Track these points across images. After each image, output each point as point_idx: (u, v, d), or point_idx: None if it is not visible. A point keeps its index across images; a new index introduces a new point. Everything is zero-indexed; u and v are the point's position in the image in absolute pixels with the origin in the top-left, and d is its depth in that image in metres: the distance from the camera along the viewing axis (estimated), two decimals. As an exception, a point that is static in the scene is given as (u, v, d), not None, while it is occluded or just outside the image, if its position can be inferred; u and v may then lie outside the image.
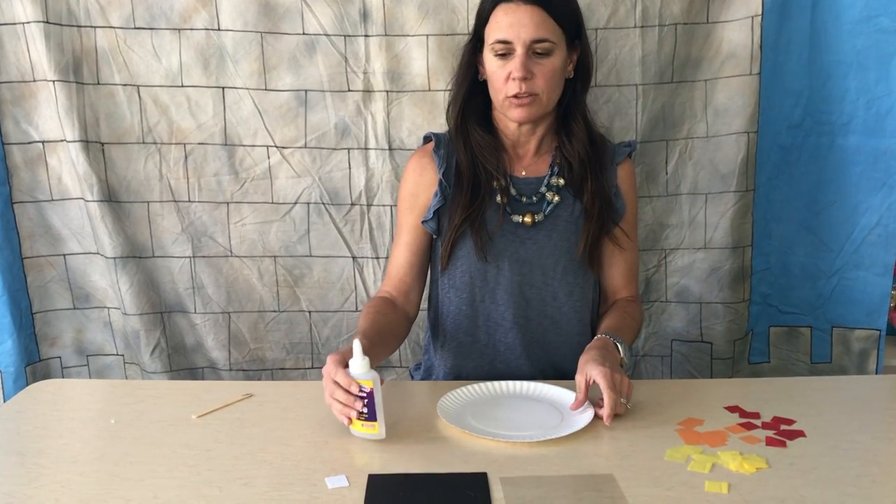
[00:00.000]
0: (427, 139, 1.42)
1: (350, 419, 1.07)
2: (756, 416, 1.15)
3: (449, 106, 1.38)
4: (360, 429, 1.07)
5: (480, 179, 1.33)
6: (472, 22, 1.36)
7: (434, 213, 1.34)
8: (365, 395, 1.04)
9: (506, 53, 1.24)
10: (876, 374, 1.76)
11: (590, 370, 1.14)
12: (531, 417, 1.14)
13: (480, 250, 1.31)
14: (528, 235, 1.34)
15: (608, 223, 1.34)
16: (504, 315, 1.35)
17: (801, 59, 1.66)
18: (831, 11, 1.62)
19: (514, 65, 1.23)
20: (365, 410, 1.05)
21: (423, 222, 1.36)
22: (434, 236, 1.38)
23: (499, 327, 1.36)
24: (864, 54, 1.62)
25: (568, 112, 1.34)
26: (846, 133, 1.67)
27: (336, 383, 1.06)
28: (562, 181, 1.34)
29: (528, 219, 1.32)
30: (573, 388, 1.22)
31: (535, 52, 1.24)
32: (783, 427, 1.11)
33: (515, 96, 1.25)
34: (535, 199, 1.34)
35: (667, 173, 1.71)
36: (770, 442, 1.06)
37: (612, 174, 1.36)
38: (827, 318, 1.77)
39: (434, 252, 1.40)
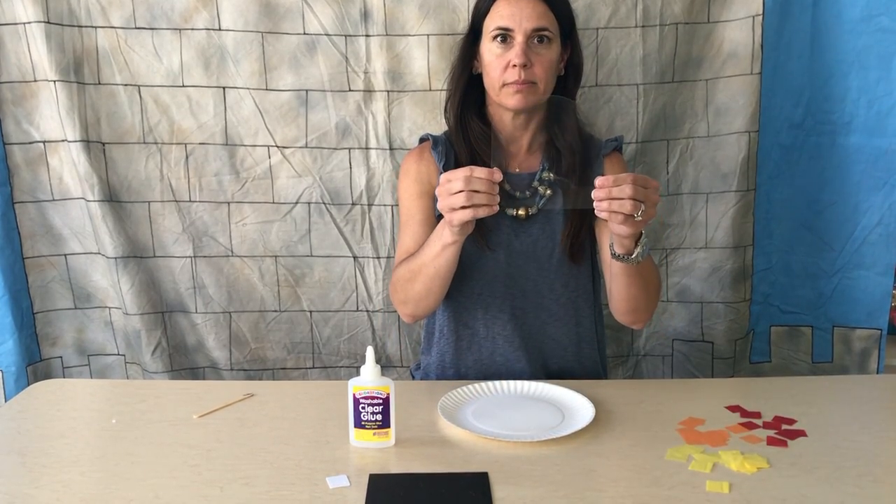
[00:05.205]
0: (423, 140, 1.43)
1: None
2: (757, 415, 1.15)
3: (447, 101, 1.40)
4: (372, 438, 1.05)
5: None
6: (472, 22, 1.36)
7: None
8: (381, 400, 1.04)
9: (505, 41, 1.27)
10: (877, 373, 1.76)
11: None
12: (532, 417, 1.14)
13: (482, 238, 1.33)
14: (523, 228, 1.36)
15: (589, 216, 1.35)
16: (502, 307, 1.37)
17: (801, 58, 1.66)
18: (832, 11, 1.62)
19: (515, 52, 1.26)
20: (380, 417, 1.04)
21: (437, 217, 1.34)
22: None
23: (497, 319, 1.37)
24: (864, 54, 1.62)
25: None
26: (847, 132, 1.67)
27: (472, 177, 1.05)
28: (552, 175, 1.36)
29: (521, 212, 1.35)
30: (574, 388, 1.22)
31: (534, 41, 1.27)
32: (784, 427, 1.11)
33: (514, 83, 1.27)
34: (528, 193, 1.36)
35: (668, 173, 1.71)
36: (771, 441, 1.06)
37: (598, 166, 1.37)
38: (828, 317, 1.77)
39: None
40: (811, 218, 1.73)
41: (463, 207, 1.07)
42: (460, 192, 1.06)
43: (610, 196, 1.05)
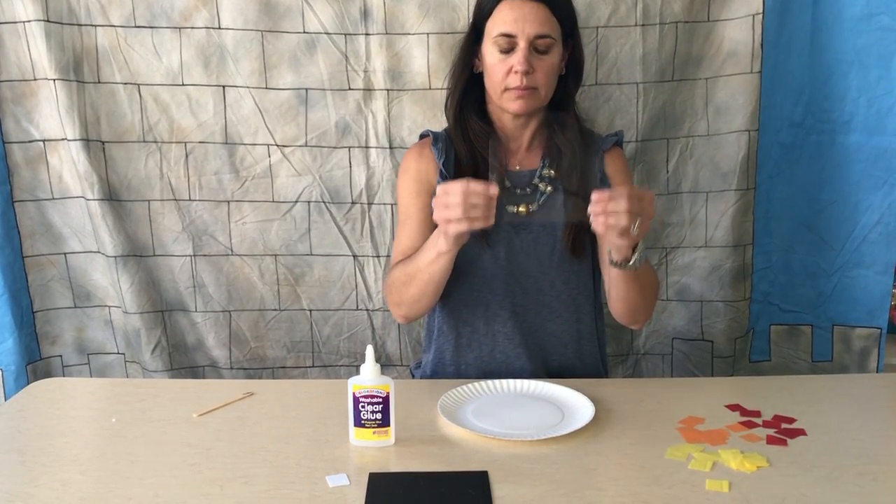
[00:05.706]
0: (423, 136, 1.43)
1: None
2: (757, 414, 1.15)
3: (447, 98, 1.40)
4: (371, 437, 1.05)
5: (479, 169, 1.34)
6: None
7: None
8: (381, 399, 1.04)
9: (508, 48, 1.27)
10: (877, 372, 1.76)
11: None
12: (532, 416, 1.14)
13: (482, 235, 1.33)
14: (523, 225, 1.37)
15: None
16: (502, 304, 1.37)
17: (801, 57, 1.66)
18: (832, 10, 1.62)
19: (517, 59, 1.26)
20: (380, 416, 1.04)
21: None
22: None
23: (497, 317, 1.37)
24: (864, 52, 1.62)
25: (560, 107, 1.37)
26: (847, 131, 1.67)
27: (471, 192, 1.06)
28: (553, 172, 1.36)
29: (522, 208, 1.35)
30: (573, 387, 1.22)
31: (536, 47, 1.27)
32: (784, 425, 1.11)
33: (516, 89, 1.27)
34: (528, 190, 1.37)
35: (667, 172, 1.71)
36: (771, 440, 1.06)
37: (598, 161, 1.38)
38: (828, 316, 1.77)
39: None
40: (811, 217, 1.73)
41: (458, 220, 1.07)
42: (456, 205, 1.07)
43: (606, 210, 1.07)
